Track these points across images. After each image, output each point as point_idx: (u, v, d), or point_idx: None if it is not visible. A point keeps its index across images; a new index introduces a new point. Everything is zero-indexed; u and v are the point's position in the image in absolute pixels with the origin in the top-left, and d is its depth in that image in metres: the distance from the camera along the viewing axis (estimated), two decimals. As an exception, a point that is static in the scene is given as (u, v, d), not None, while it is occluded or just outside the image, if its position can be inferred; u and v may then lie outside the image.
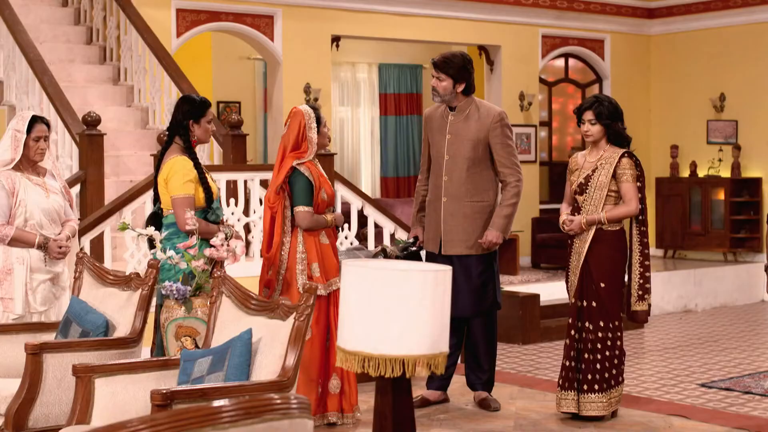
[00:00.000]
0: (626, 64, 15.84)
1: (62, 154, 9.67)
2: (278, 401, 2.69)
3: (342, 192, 9.32)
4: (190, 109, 5.87)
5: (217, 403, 2.58)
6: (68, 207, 6.19)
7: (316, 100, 13.10)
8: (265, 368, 4.20)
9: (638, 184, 6.45)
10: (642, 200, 6.47)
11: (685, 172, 15.51)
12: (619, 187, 6.44)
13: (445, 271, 3.38)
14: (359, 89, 16.54)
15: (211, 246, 5.22)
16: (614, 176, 6.44)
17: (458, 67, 6.71)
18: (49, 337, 5.46)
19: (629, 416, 6.72)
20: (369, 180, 16.50)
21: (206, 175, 5.85)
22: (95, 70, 11.46)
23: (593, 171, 6.48)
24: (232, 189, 9.14)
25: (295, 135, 6.17)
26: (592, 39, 15.54)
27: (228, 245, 5.21)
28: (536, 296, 10.56)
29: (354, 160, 16.44)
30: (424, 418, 6.66)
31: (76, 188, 9.02)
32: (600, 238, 6.45)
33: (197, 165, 5.80)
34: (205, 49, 14.21)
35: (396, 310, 3.28)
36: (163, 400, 3.81)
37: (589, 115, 6.48)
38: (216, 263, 5.31)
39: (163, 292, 5.08)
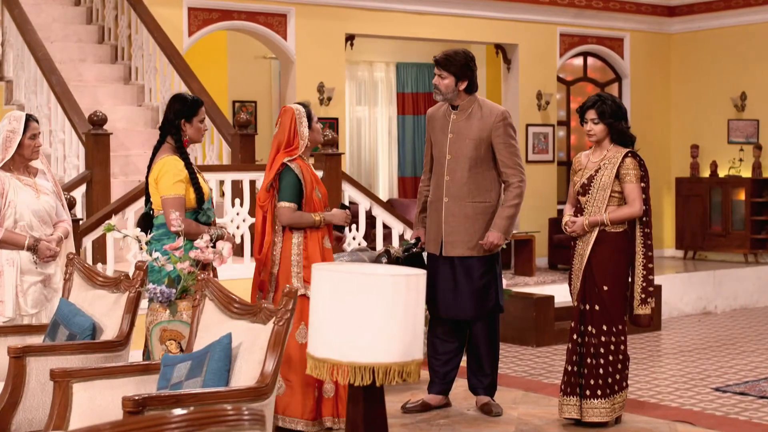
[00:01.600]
0: (646, 63, 15.66)
1: (69, 153, 9.63)
2: (229, 413, 2.58)
3: (350, 192, 9.21)
4: (181, 108, 5.76)
5: (160, 413, 2.47)
6: (60, 208, 6.10)
7: (329, 99, 13.00)
8: (245, 374, 4.08)
9: (642, 184, 6.29)
10: (646, 201, 6.31)
11: (706, 172, 15.32)
12: (622, 188, 6.28)
13: (418, 276, 3.25)
14: (376, 88, 16.43)
15: (202, 248, 5.10)
16: (617, 176, 6.28)
17: (460, 65, 6.58)
18: (38, 339, 5.36)
19: (633, 422, 6.56)
20: (386, 180, 16.38)
21: (198, 175, 5.74)
22: (106, 69, 11.41)
23: (596, 171, 6.32)
24: (240, 189, 9.04)
25: (287, 132, 6.06)
26: (611, 37, 15.36)
27: (214, 247, 5.09)
28: (551, 298, 10.40)
29: (371, 159, 16.33)
30: (424, 423, 6.54)
31: (82, 188, 8.95)
32: (603, 240, 6.29)
33: (188, 165, 5.68)
34: (220, 48, 14.12)
35: (366, 316, 3.16)
36: (134, 407, 3.70)
37: (591, 114, 6.33)
38: (206, 265, 5.20)
39: (147, 295, 4.98)
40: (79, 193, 8.86)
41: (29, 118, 5.97)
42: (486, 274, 6.65)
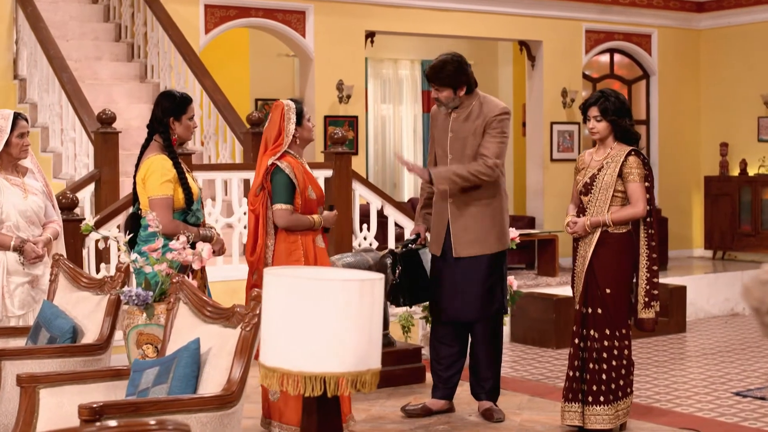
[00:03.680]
0: (674, 60, 15.37)
1: (79, 152, 9.54)
2: (152, 426, 2.45)
3: (361, 191, 9.06)
4: (170, 105, 5.61)
5: (76, 427, 2.35)
6: (50, 208, 5.99)
7: (348, 97, 12.85)
8: (213, 380, 3.94)
9: (646, 184, 6.07)
10: (650, 201, 6.09)
11: (735, 171, 15.02)
12: (625, 187, 6.07)
13: (373, 281, 3.08)
14: (401, 86, 16.28)
15: (179, 249, 4.95)
16: (620, 175, 6.07)
17: (452, 75, 6.39)
18: (22, 342, 5.25)
19: (638, 429, 6.35)
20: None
21: (187, 174, 5.59)
22: (122, 67, 11.33)
23: (599, 170, 6.12)
24: (248, 188, 8.92)
25: (276, 128, 5.88)
26: (638, 34, 15.09)
27: (192, 248, 4.94)
28: (571, 299, 10.18)
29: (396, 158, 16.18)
30: (422, 430, 6.37)
31: (91, 187, 8.83)
32: (605, 241, 6.08)
33: (177, 164, 5.54)
34: (242, 46, 14.04)
35: (317, 324, 3.00)
36: (90, 415, 3.56)
37: (594, 112, 6.12)
38: (185, 267, 5.05)
39: (123, 298, 4.84)
40: (87, 192, 8.76)
41: (17, 117, 5.86)
42: (491, 276, 6.46)
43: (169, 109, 5.61)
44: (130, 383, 4.15)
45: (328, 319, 2.99)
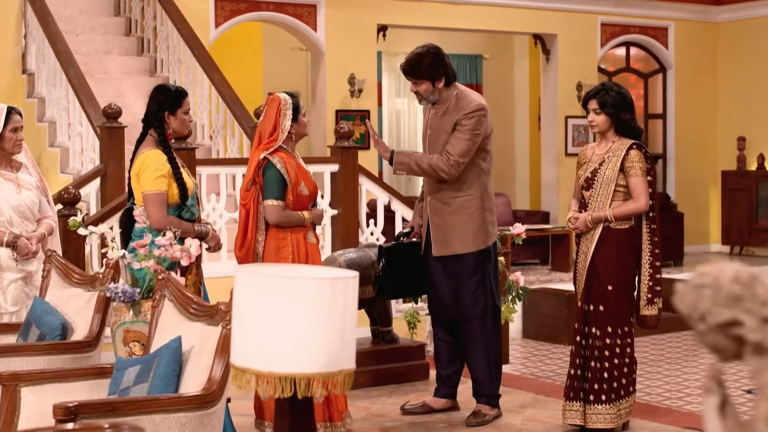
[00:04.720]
0: (692, 53, 15.21)
1: (86, 147, 9.50)
2: (106, 429, 2.38)
3: (367, 186, 8.96)
4: (165, 99, 5.52)
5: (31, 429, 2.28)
6: (45, 203, 5.93)
7: (360, 91, 12.77)
8: (194, 379, 3.86)
9: (648, 178, 5.95)
10: (652, 196, 5.97)
11: (753, 165, 14.85)
12: (627, 182, 5.95)
13: (345, 279, 2.99)
14: (416, 80, 16.13)
15: (166, 245, 4.86)
16: (622, 170, 5.95)
17: (429, 67, 6.28)
18: (13, 338, 5.20)
19: (641, 428, 6.23)
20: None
21: (182, 169, 5.51)
22: (132, 62, 11.29)
23: (600, 164, 6.00)
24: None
25: (271, 122, 5.79)
26: (654, 27, 14.94)
27: (177, 244, 4.85)
28: (583, 295, 10.07)
29: (411, 152, 16.06)
30: (422, 428, 6.28)
31: (97, 182, 8.78)
32: (607, 237, 5.96)
33: (171, 159, 5.45)
34: (255, 40, 13.96)
35: (287, 323, 2.91)
36: (65, 415, 3.49)
37: (593, 104, 6.00)
38: (188, 264, 4.97)
39: (108, 294, 4.76)
40: (93, 186, 8.70)
41: (11, 111, 5.80)
42: (473, 275, 6.30)
43: (164, 103, 5.52)
44: (112, 382, 4.08)
45: (298, 319, 2.91)
